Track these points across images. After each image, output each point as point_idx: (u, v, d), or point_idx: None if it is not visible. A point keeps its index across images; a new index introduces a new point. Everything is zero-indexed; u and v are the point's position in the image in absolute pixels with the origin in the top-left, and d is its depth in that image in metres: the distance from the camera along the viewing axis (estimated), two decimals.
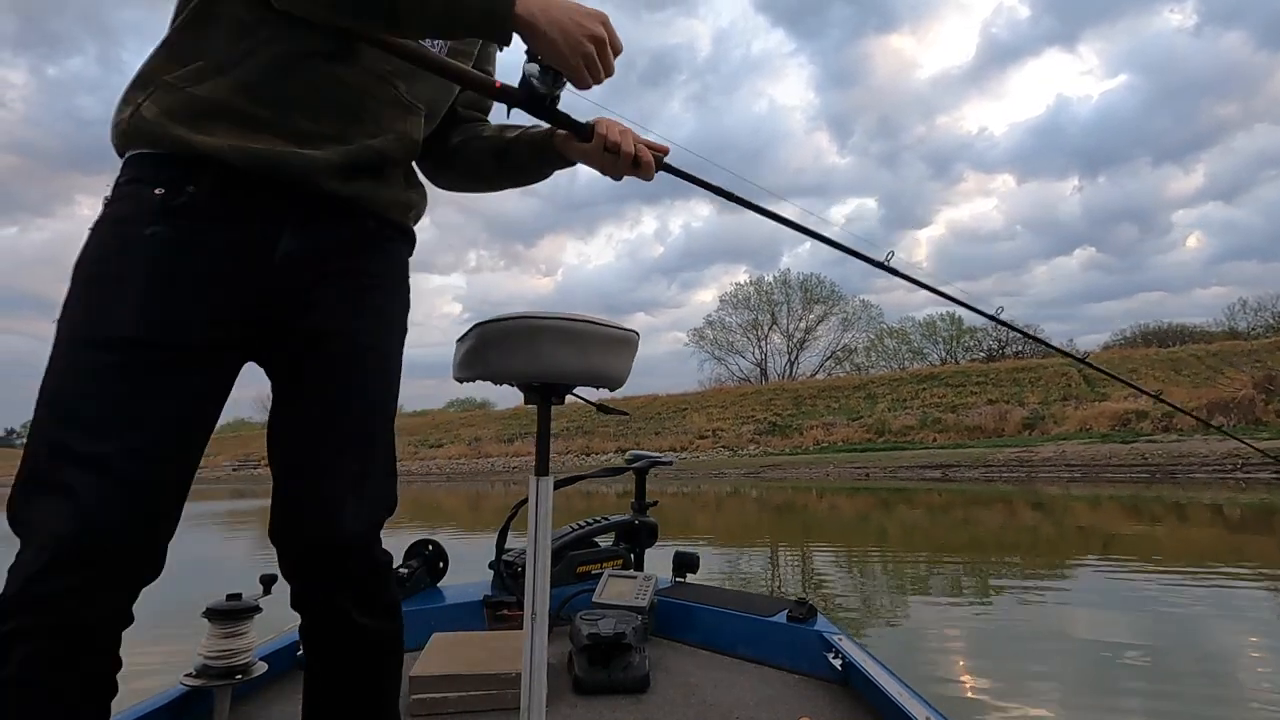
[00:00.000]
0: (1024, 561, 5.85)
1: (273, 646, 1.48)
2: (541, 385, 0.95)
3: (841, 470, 18.14)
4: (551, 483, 0.98)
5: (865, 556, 6.49)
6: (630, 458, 2.27)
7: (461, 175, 1.05)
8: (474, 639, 1.58)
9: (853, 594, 4.66)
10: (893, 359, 37.28)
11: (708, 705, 1.35)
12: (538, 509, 0.94)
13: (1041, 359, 28.48)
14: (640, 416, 30.20)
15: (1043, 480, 14.14)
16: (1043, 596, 4.48)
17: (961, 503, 11.33)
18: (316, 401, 0.85)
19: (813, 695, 1.40)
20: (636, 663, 1.46)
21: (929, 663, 3.07)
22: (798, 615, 1.61)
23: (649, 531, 2.17)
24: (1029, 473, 15.16)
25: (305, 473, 0.85)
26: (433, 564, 1.99)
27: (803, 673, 1.50)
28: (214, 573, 5.60)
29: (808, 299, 38.48)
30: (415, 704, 1.33)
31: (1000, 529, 8.11)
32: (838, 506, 11.69)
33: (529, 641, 0.91)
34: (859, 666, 1.35)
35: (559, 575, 1.95)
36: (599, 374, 0.94)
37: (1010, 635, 3.56)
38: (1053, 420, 19.87)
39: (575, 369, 0.91)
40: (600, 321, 0.93)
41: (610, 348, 0.94)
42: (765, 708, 1.34)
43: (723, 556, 6.48)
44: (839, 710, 1.33)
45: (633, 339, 0.98)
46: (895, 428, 22.43)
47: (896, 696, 1.19)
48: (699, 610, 1.77)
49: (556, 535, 2.06)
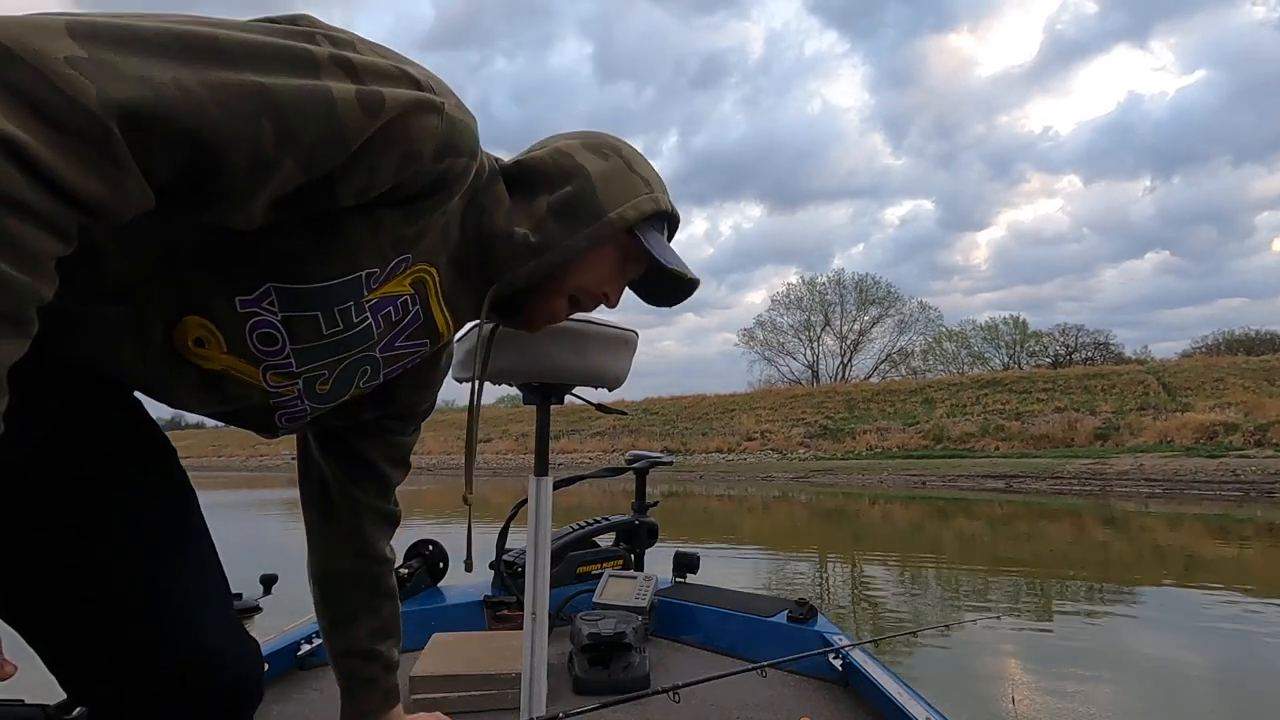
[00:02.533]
0: (1092, 580, 5.46)
1: (273, 647, 1.48)
2: (541, 385, 0.95)
3: (896, 477, 17.44)
4: (551, 483, 0.97)
5: (920, 565, 6.09)
6: (630, 458, 2.23)
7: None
8: (474, 639, 1.58)
9: (904, 606, 4.32)
10: (951, 363, 35.95)
11: (708, 705, 1.36)
12: (538, 509, 0.94)
13: (1115, 365, 26.87)
14: (687, 417, 29.86)
15: (1118, 495, 13.19)
16: (1110, 618, 4.17)
17: (1026, 515, 10.68)
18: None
19: (813, 695, 1.40)
20: (636, 663, 1.47)
21: (974, 682, 2.88)
22: (798, 615, 1.61)
23: (649, 532, 2.17)
24: (1103, 486, 14.18)
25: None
26: (433, 564, 1.98)
27: (803, 673, 1.49)
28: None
29: (862, 300, 37.45)
30: (415, 704, 1.33)
31: (1068, 545, 7.53)
32: (891, 515, 11.14)
33: (529, 641, 0.91)
34: (859, 667, 1.35)
35: (559, 575, 1.95)
36: (598, 374, 0.94)
37: (1071, 657, 3.31)
38: (1129, 431, 18.60)
39: (574, 369, 0.91)
40: (599, 321, 0.92)
41: (609, 347, 0.93)
42: (765, 708, 1.35)
43: (772, 562, 6.15)
44: (839, 710, 1.33)
45: (631, 339, 0.98)
46: (954, 434, 21.46)
47: (896, 697, 1.19)
48: (699, 610, 1.77)
49: (556, 535, 2.05)
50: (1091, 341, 34.30)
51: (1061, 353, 34.23)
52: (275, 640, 1.52)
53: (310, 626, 1.59)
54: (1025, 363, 34.06)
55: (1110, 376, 23.69)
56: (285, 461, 32.69)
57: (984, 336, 36.07)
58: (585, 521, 2.15)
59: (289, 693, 1.41)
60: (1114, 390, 22.29)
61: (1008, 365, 33.87)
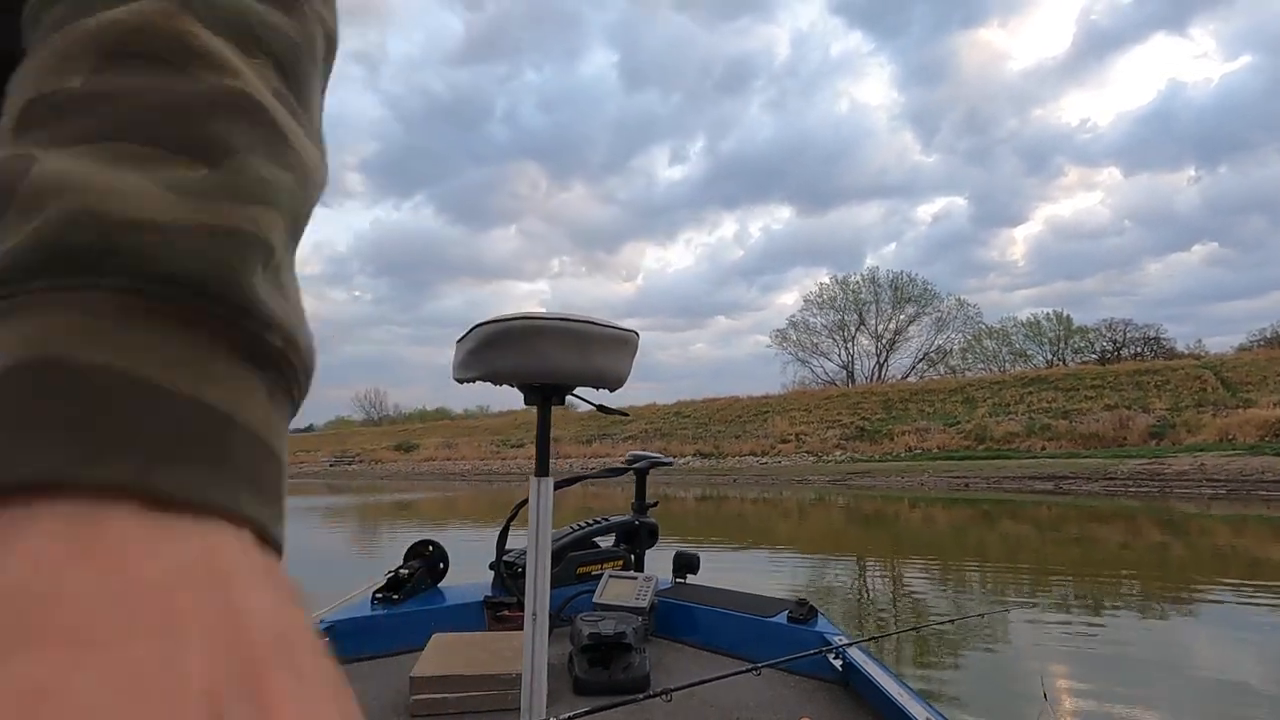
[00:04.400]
0: (1148, 584, 5.18)
1: None
2: (541, 385, 0.95)
3: (938, 479, 16.90)
4: (551, 483, 0.97)
5: (961, 569, 5.77)
6: (630, 458, 2.20)
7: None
8: (474, 639, 1.57)
9: (949, 613, 4.06)
10: (992, 361, 34.93)
11: (708, 706, 1.35)
12: (538, 509, 0.94)
13: (1168, 361, 25.73)
14: (720, 419, 29.55)
15: (1178, 497, 12.52)
16: (1166, 624, 3.95)
17: (1077, 517, 10.16)
18: None
19: (813, 696, 1.40)
20: (637, 663, 1.47)
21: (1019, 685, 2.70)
22: (798, 616, 1.60)
23: (649, 532, 2.17)
24: (1161, 488, 13.49)
25: None
26: (433, 565, 1.98)
27: (803, 673, 1.49)
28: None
29: (898, 298, 36.65)
30: (416, 704, 1.32)
31: (1122, 549, 7.09)
32: (933, 518, 10.73)
33: (529, 642, 0.91)
34: (859, 667, 1.35)
35: (559, 576, 1.93)
36: (599, 374, 0.93)
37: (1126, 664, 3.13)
38: (1185, 429, 17.73)
39: (575, 369, 0.91)
40: (599, 322, 0.92)
41: (609, 348, 0.93)
42: (765, 708, 1.35)
43: (809, 567, 5.90)
44: (839, 711, 1.33)
45: (632, 339, 0.98)
46: (998, 434, 20.76)
47: (896, 697, 1.19)
48: (699, 611, 1.77)
49: (557, 536, 2.04)
50: (1141, 336, 33.02)
51: (1109, 348, 33.01)
52: None
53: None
54: (1070, 359, 32.92)
55: (1163, 372, 22.68)
56: (323, 468, 33.32)
57: (1026, 333, 34.98)
58: (585, 522, 2.14)
59: None
60: (1168, 386, 21.32)
61: (1052, 362, 32.78)
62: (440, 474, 27.55)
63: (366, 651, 1.65)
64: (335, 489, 20.96)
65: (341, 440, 42.34)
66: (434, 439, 35.61)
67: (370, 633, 1.69)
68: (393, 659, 1.62)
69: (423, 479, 26.08)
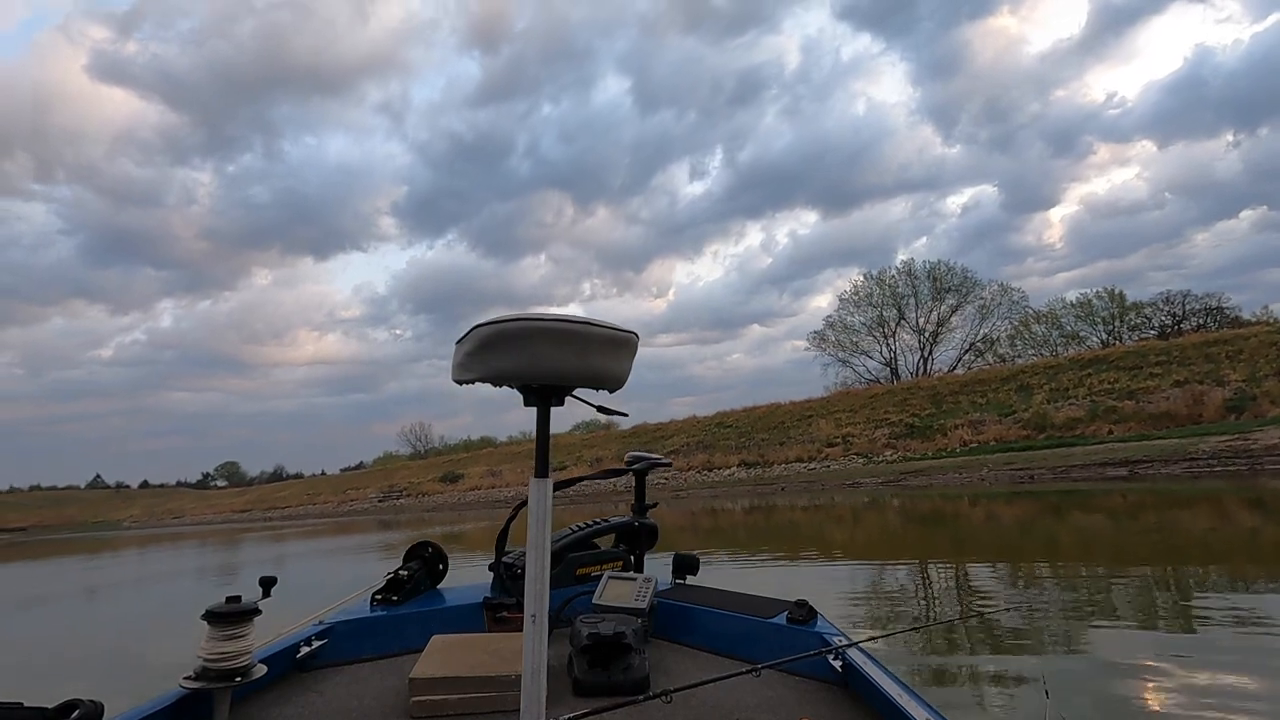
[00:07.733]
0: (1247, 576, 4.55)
1: (272, 649, 1.49)
2: (540, 387, 0.94)
3: (998, 473, 16.01)
4: (551, 484, 0.95)
5: (1033, 572, 5.21)
6: (630, 459, 2.17)
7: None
8: (474, 641, 1.57)
9: (1026, 623, 3.58)
10: (1043, 346, 33.47)
11: (707, 707, 1.34)
12: (538, 510, 0.93)
13: (1237, 329, 24.17)
14: (763, 427, 28.89)
15: (1269, 473, 11.50)
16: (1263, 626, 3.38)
17: (1155, 503, 9.36)
18: None
19: (813, 697, 1.39)
20: (636, 664, 1.47)
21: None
22: (798, 617, 1.61)
23: (649, 533, 2.16)
24: (1250, 465, 12.44)
25: None
26: (432, 566, 1.98)
27: (803, 674, 1.48)
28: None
29: (937, 289, 35.54)
30: (415, 706, 1.33)
31: (1228, 535, 6.38)
32: (997, 515, 10.03)
33: (529, 643, 0.91)
34: (859, 668, 1.34)
35: (559, 577, 1.94)
36: (598, 375, 0.93)
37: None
38: (1268, 400, 16.49)
39: (574, 370, 0.90)
40: (598, 322, 0.92)
41: (609, 348, 0.93)
42: (765, 710, 1.33)
43: (865, 573, 5.43)
44: (839, 712, 1.31)
45: (632, 340, 0.98)
46: (1058, 421, 19.68)
47: (896, 698, 1.17)
48: (699, 612, 1.77)
49: (556, 537, 2.04)
50: (1202, 308, 31.26)
51: (1168, 323, 31.35)
52: (275, 642, 1.52)
53: (310, 629, 1.62)
54: (1127, 337, 31.31)
55: (1234, 342, 21.28)
56: (372, 505, 33.72)
57: (1077, 314, 33.46)
58: (585, 523, 2.13)
59: (289, 695, 1.41)
60: (1241, 356, 19.95)
61: (1107, 342, 31.22)
62: (486, 502, 27.54)
63: (366, 653, 1.66)
64: (386, 524, 21.17)
65: (389, 475, 42.89)
66: (478, 468, 35.75)
67: (369, 634, 1.69)
68: (392, 660, 1.62)
69: (469, 508, 26.08)
